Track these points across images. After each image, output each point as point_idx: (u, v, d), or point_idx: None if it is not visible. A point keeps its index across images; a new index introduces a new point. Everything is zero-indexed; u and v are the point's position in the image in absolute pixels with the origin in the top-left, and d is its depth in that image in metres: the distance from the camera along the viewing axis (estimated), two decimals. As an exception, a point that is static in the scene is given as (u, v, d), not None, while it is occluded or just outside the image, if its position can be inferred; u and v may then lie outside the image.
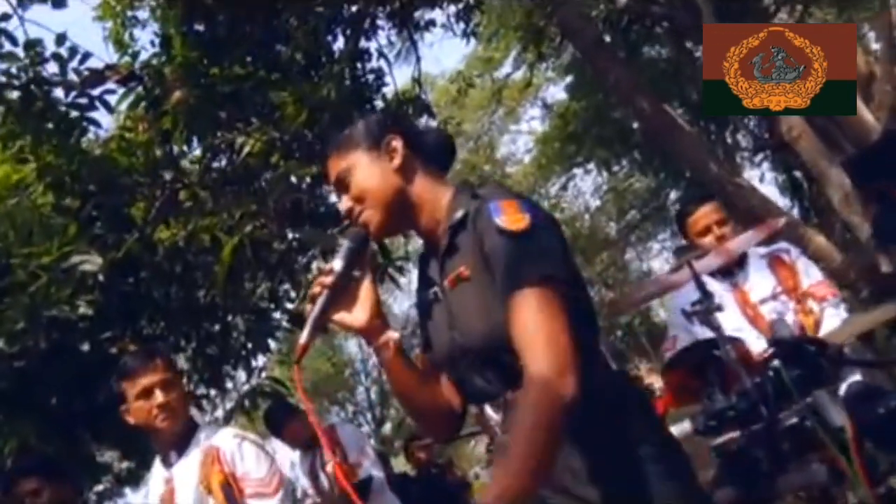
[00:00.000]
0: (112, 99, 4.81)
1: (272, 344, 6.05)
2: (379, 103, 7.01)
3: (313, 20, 6.62)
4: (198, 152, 5.75)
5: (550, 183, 18.41)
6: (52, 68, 4.64)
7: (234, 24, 6.18)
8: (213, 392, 8.86)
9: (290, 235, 5.76)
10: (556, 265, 1.45)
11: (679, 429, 2.38)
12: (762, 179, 14.38)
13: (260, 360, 6.60)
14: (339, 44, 7.50)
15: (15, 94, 4.63)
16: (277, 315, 6.00)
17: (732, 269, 2.95)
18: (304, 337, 1.55)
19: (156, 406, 2.57)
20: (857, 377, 2.62)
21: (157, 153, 5.32)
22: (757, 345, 2.60)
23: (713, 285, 2.84)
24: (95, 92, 4.60)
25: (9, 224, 5.34)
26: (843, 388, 2.52)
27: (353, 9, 7.74)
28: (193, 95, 4.49)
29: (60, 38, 4.45)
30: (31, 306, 4.11)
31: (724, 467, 2.19)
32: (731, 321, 2.73)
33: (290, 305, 6.16)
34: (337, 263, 1.58)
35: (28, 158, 4.91)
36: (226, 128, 4.99)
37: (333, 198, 7.26)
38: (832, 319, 2.81)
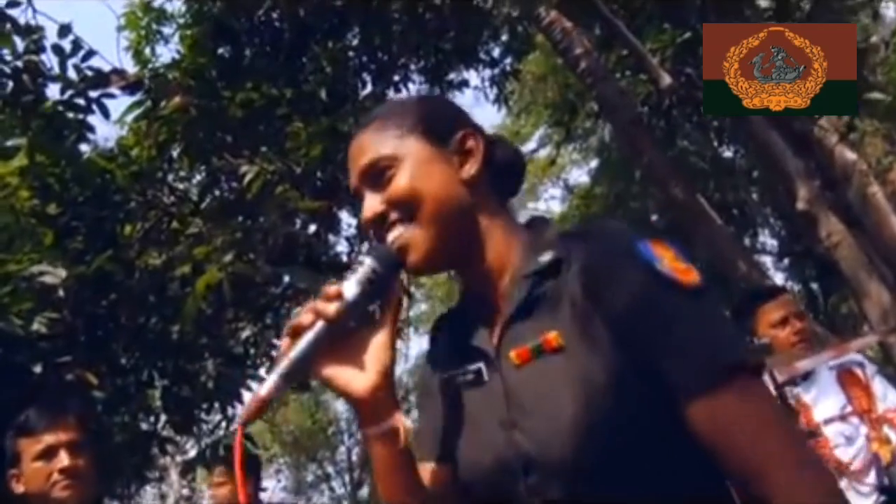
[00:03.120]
0: (112, 105, 4.46)
1: (245, 394, 5.54)
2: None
3: (343, 59, 6.37)
4: (199, 176, 5.39)
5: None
6: (54, 63, 4.30)
7: (259, 52, 5.92)
8: (181, 437, 8.33)
9: (286, 279, 5.34)
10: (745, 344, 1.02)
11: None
12: (782, 288, 13.96)
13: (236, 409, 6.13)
14: (367, 90, 7.28)
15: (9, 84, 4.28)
16: (257, 363, 5.53)
17: (794, 378, 2.47)
18: (267, 386, 0.98)
19: (57, 470, 2.07)
20: None
21: (155, 172, 4.97)
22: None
23: None
24: (94, 94, 4.24)
25: (-14, 224, 4.96)
26: None
27: (386, 57, 7.53)
28: (195, 105, 4.12)
29: (63, 30, 4.11)
30: (-24, 315, 3.66)
31: None
32: None
33: (274, 355, 5.71)
34: (350, 288, 1.02)
35: (11, 156, 4.53)
36: (231, 153, 4.61)
37: (341, 246, 6.85)
38: None
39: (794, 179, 6.51)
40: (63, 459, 2.09)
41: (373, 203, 1.09)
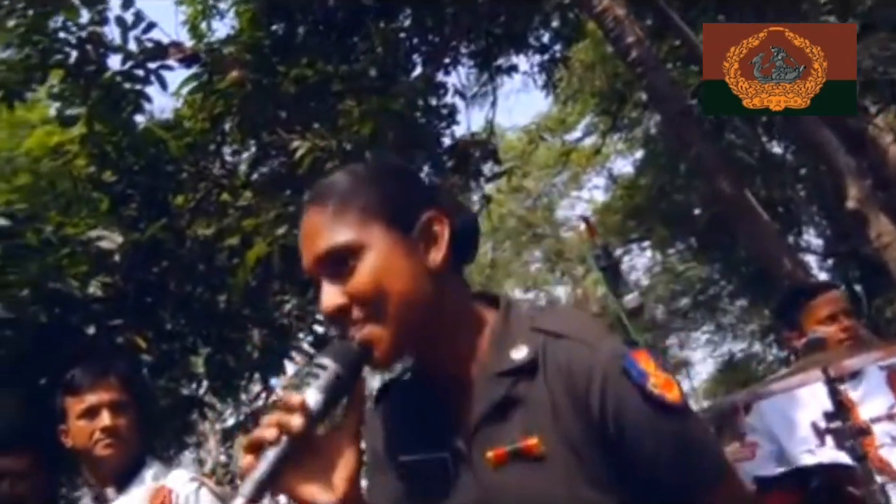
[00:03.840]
0: (170, 77, 4.58)
1: (288, 366, 5.65)
2: (447, 140, 6.75)
3: (394, 40, 6.41)
4: (251, 150, 5.49)
5: (604, 254, 18.00)
6: (115, 34, 4.42)
7: (312, 30, 5.98)
8: (221, 404, 8.53)
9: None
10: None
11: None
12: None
13: (278, 379, 6.25)
14: (417, 71, 7.31)
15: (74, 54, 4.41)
16: (300, 336, 5.63)
17: (843, 376, 2.46)
18: None
19: (99, 429, 2.14)
20: None
21: (208, 144, 5.08)
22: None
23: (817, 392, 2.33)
24: (153, 65, 4.35)
25: (49, 188, 5.13)
26: None
27: (437, 39, 7.54)
28: (251, 80, 4.19)
29: (126, 2, 4.23)
30: (38, 275, 3.79)
31: None
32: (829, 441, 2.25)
33: (319, 328, 5.79)
34: (312, 396, 0.97)
35: (71, 124, 4.68)
36: (284, 128, 4.69)
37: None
38: None
39: (846, 177, 6.39)
40: (105, 419, 2.15)
41: (333, 295, 1.02)
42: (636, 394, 0.98)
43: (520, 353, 1.03)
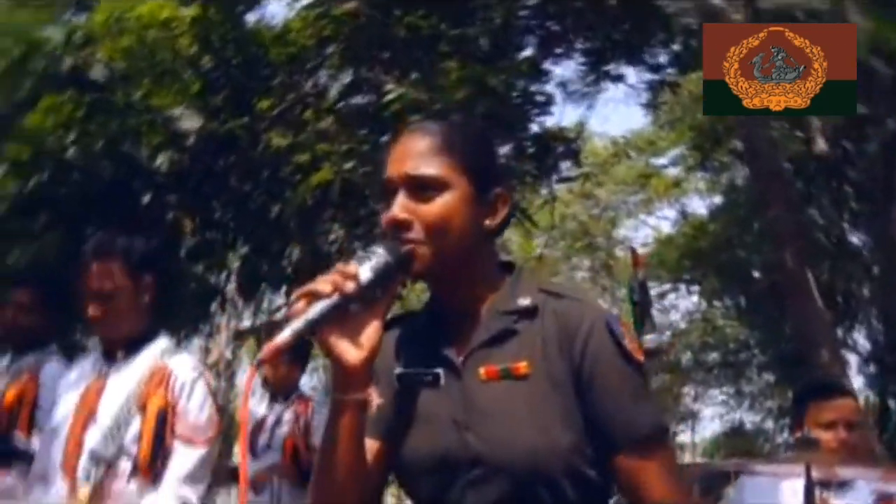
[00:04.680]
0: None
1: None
2: (535, 127, 6.72)
3: (514, 16, 6.36)
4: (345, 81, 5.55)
5: (651, 285, 17.75)
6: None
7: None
8: (243, 304, 8.74)
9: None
10: None
11: None
12: (857, 391, 13.38)
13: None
14: (527, 53, 7.25)
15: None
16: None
17: (830, 482, 2.43)
18: (283, 337, 1.09)
19: (90, 316, 2.19)
20: None
21: (306, 62, 5.15)
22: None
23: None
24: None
25: (149, 56, 5.27)
26: None
27: (556, 28, 7.47)
28: (366, 15, 4.24)
29: None
30: (116, 133, 3.95)
31: None
32: None
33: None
34: (364, 272, 1.15)
35: (189, 3, 4.80)
36: (382, 68, 4.74)
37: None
38: None
39: (913, 289, 6.22)
40: (92, 309, 2.18)
41: (404, 208, 1.21)
42: (613, 346, 1.20)
43: (525, 301, 1.25)
